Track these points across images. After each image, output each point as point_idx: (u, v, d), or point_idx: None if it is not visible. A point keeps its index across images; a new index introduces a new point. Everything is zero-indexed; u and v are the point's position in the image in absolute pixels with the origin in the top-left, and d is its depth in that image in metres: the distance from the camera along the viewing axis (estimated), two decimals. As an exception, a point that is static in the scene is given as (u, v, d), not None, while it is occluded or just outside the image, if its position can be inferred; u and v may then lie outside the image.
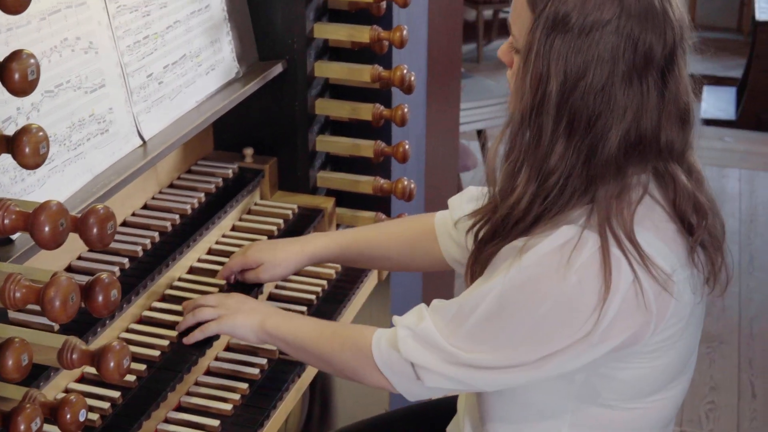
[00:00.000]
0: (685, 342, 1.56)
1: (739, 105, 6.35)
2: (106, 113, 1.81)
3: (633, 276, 1.44)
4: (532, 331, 1.48)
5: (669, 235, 1.49)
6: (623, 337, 1.47)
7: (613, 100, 1.44)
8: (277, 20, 2.28)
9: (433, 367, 1.56)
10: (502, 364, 1.51)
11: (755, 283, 4.42)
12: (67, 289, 1.22)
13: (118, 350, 1.33)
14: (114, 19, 1.85)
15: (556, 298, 1.45)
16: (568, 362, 1.50)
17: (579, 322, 1.45)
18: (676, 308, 1.49)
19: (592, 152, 1.46)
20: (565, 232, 1.46)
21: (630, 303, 1.45)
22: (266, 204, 2.36)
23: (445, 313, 1.57)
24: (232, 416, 1.77)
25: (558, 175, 1.47)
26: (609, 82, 1.44)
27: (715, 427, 3.50)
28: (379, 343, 1.62)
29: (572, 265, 1.44)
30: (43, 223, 1.18)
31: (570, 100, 1.45)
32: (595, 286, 1.43)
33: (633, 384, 1.56)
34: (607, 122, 1.45)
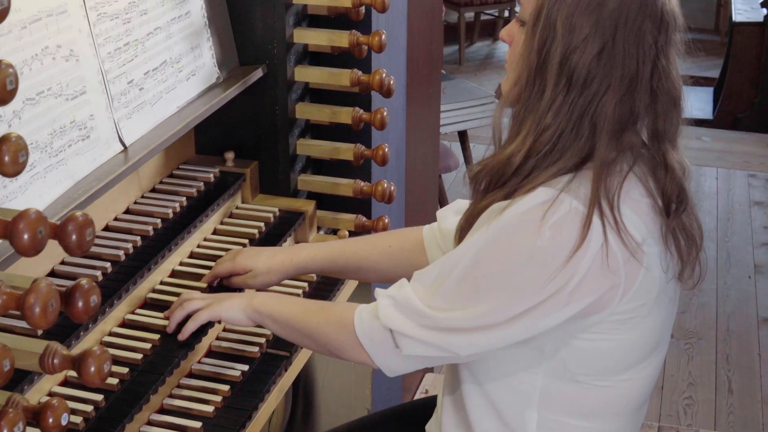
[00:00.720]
0: (654, 319, 1.60)
1: (716, 105, 6.40)
2: (87, 120, 1.83)
3: (603, 238, 1.49)
4: (506, 287, 1.53)
5: (643, 209, 1.54)
6: (592, 297, 1.51)
7: (610, 65, 1.51)
8: (257, 26, 2.30)
9: (410, 332, 1.60)
10: (477, 324, 1.55)
11: (732, 280, 4.47)
12: (47, 295, 1.24)
13: (98, 355, 1.35)
14: (95, 27, 1.87)
15: (529, 253, 1.50)
16: (538, 321, 1.53)
17: (549, 278, 1.50)
18: (645, 278, 1.53)
19: (586, 112, 1.53)
20: (543, 193, 1.52)
21: (599, 264, 1.49)
22: (247, 207, 2.39)
23: (426, 278, 1.62)
24: (214, 418, 1.79)
25: (553, 130, 1.54)
26: (608, 47, 1.51)
27: (693, 422, 3.54)
28: (361, 315, 1.67)
29: (546, 222, 1.49)
30: (22, 231, 1.20)
31: (571, 58, 1.52)
32: (567, 243, 1.49)
33: (601, 357, 1.60)
34: (602, 85, 1.52)
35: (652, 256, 1.54)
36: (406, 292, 1.62)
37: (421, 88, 3.28)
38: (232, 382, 1.88)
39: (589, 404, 1.64)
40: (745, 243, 4.77)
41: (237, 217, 2.35)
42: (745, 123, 6.13)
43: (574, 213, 1.50)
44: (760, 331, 4.08)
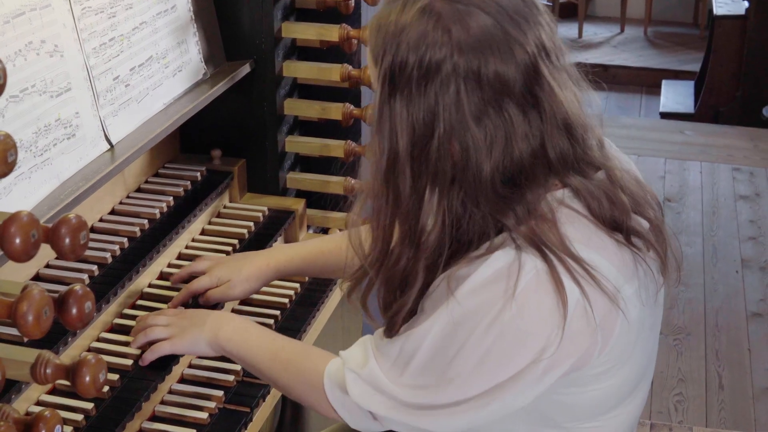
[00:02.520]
0: (638, 357, 1.51)
1: (697, 98, 6.39)
2: (73, 117, 1.77)
3: (580, 292, 1.37)
4: (480, 365, 1.40)
5: (608, 251, 1.42)
6: (570, 361, 1.40)
7: (473, 141, 1.36)
8: (244, 20, 2.24)
9: (384, 413, 1.49)
10: (451, 401, 1.44)
11: (719, 274, 4.44)
12: (40, 303, 1.18)
13: (93, 364, 1.29)
14: (79, 22, 1.80)
15: (499, 329, 1.37)
16: (515, 398, 1.42)
17: (527, 350, 1.38)
18: (623, 327, 1.42)
19: (475, 196, 1.39)
20: (500, 257, 1.38)
21: (578, 323, 1.37)
22: (236, 207, 2.33)
23: (389, 354, 1.48)
24: (209, 425, 1.74)
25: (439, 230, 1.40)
26: (462, 126, 1.35)
27: (684, 419, 3.51)
28: (331, 385, 1.55)
29: (512, 292, 1.36)
30: (13, 235, 1.13)
31: (425, 156, 1.38)
32: (541, 311, 1.36)
33: (586, 406, 1.51)
34: (475, 164, 1.37)
35: (628, 299, 1.42)
36: (371, 368, 1.49)
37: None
38: (225, 387, 1.82)
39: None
40: (731, 237, 4.75)
41: (225, 216, 2.29)
42: (727, 116, 6.12)
43: (541, 275, 1.36)
44: (749, 326, 4.06)
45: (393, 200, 1.43)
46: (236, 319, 1.75)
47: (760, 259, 4.57)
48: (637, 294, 1.44)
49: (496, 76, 1.35)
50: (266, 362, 1.66)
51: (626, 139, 5.61)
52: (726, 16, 6.11)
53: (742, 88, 6.09)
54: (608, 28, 7.89)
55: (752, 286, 4.35)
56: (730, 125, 6.04)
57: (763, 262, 4.54)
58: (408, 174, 1.40)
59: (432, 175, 1.39)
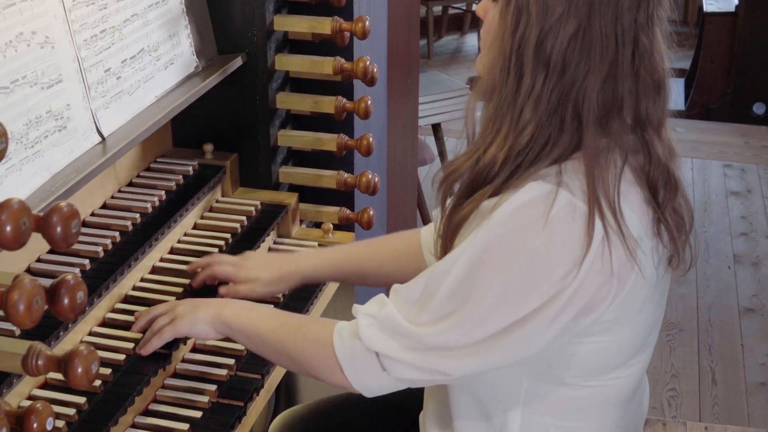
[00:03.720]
0: (644, 318, 1.52)
1: (687, 96, 6.39)
2: (64, 109, 1.75)
3: (605, 237, 1.40)
4: (503, 293, 1.42)
5: (636, 203, 1.46)
6: (586, 299, 1.42)
7: (589, 46, 1.41)
8: (235, 12, 2.23)
9: (398, 355, 1.49)
10: (468, 340, 1.44)
11: (711, 270, 4.45)
12: (32, 291, 1.16)
13: (85, 355, 1.27)
14: (70, 13, 1.79)
15: (528, 254, 1.39)
16: (531, 339, 1.43)
17: (552, 278, 1.40)
18: (637, 279, 1.45)
19: (566, 98, 1.43)
20: (534, 188, 1.41)
21: (598, 264, 1.40)
22: (228, 201, 2.31)
23: (410, 295, 1.50)
24: (202, 420, 1.72)
25: (534, 125, 1.44)
26: (585, 28, 1.41)
27: (677, 414, 3.51)
28: (341, 334, 1.55)
29: (543, 219, 1.39)
30: (4, 222, 1.12)
31: (546, 43, 1.42)
32: (569, 242, 1.39)
33: (590, 361, 1.52)
34: (581, 68, 1.42)
35: (645, 254, 1.45)
36: (388, 311, 1.50)
37: (401, 79, 3.22)
38: (218, 382, 1.81)
39: (575, 404, 1.57)
40: (723, 233, 4.76)
41: (218, 211, 2.28)
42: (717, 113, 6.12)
43: (573, 209, 1.40)
44: (742, 321, 4.06)
45: (515, 83, 1.45)
46: (239, 301, 1.77)
47: (751, 254, 4.58)
48: (651, 253, 1.47)
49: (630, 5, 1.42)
50: (274, 331, 1.65)
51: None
52: (716, 13, 6.11)
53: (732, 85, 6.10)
54: (599, 26, 7.89)
55: (744, 281, 4.36)
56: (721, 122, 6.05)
57: (755, 258, 4.54)
58: (531, 59, 1.43)
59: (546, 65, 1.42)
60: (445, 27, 8.40)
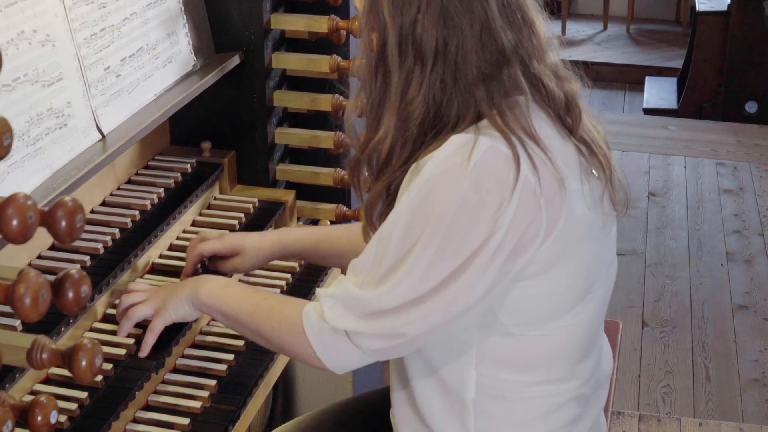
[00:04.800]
0: (582, 260, 1.56)
1: (680, 95, 6.41)
2: (65, 107, 1.77)
3: (531, 166, 1.46)
4: (442, 242, 1.47)
5: (555, 143, 1.52)
6: (517, 237, 1.47)
7: (456, 21, 1.49)
8: (233, 11, 2.25)
9: (361, 327, 1.53)
10: (419, 292, 1.48)
11: (704, 267, 4.46)
12: (37, 285, 1.18)
13: (89, 348, 1.29)
14: (70, 12, 1.80)
15: (459, 200, 1.45)
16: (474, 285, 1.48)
17: (484, 219, 1.45)
18: (568, 219, 1.50)
19: (453, 74, 1.50)
20: (455, 140, 1.48)
21: (526, 195, 1.46)
22: (226, 198, 2.33)
23: (363, 265, 1.55)
24: (202, 414, 1.74)
25: (423, 106, 1.51)
26: (445, 5, 1.49)
27: (672, 410, 3.53)
28: (309, 318, 1.58)
29: (469, 164, 1.45)
30: (11, 216, 1.13)
31: (412, 36, 1.50)
32: (496, 182, 1.45)
33: (530, 305, 1.55)
34: (458, 44, 1.49)
35: (574, 193, 1.51)
36: (345, 286, 1.55)
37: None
38: (218, 377, 1.82)
39: (526, 356, 1.60)
40: (716, 231, 4.77)
41: (216, 208, 2.29)
42: (710, 112, 6.14)
43: (495, 152, 1.46)
44: (735, 318, 4.08)
45: (382, 83, 1.55)
46: (216, 278, 1.78)
47: (744, 252, 4.59)
48: (581, 192, 1.53)
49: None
50: (249, 313, 1.68)
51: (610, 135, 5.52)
52: (708, 12, 6.13)
53: (725, 83, 6.11)
54: (591, 25, 7.91)
55: (737, 278, 4.37)
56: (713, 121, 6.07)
57: (748, 255, 4.56)
58: (396, 57, 1.52)
59: (418, 56, 1.51)
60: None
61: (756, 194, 5.14)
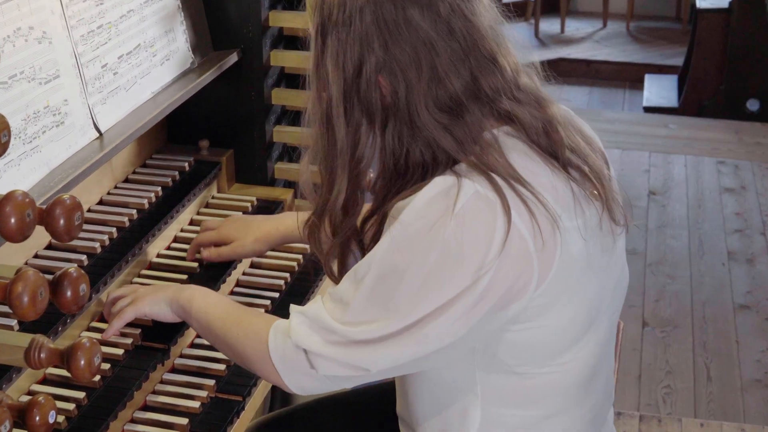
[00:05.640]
0: (584, 297, 1.51)
1: (681, 92, 6.40)
2: (62, 105, 1.75)
3: (521, 211, 1.40)
4: (420, 287, 1.41)
5: (545, 181, 1.45)
6: (505, 287, 1.41)
7: (402, 69, 1.43)
8: (231, 9, 2.23)
9: (322, 350, 1.49)
10: (386, 331, 1.44)
11: (705, 267, 4.45)
12: (36, 283, 1.17)
13: (88, 347, 1.27)
14: (67, 9, 1.79)
15: (439, 248, 1.39)
16: (450, 327, 1.43)
17: (467, 269, 1.39)
18: (563, 258, 1.44)
19: (409, 129, 1.45)
20: (438, 183, 1.42)
21: (516, 244, 1.40)
22: (224, 197, 2.32)
23: (337, 294, 1.51)
24: (201, 413, 1.72)
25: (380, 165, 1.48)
26: (389, 56, 1.43)
27: (673, 411, 3.51)
28: (276, 332, 1.55)
29: (452, 210, 1.39)
30: (8, 214, 1.12)
31: (357, 91, 1.45)
32: (480, 231, 1.39)
33: (534, 348, 1.51)
34: (405, 95, 1.44)
35: (568, 232, 1.44)
36: (317, 308, 1.51)
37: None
38: (217, 377, 1.81)
39: (531, 392, 1.55)
40: (717, 230, 4.76)
41: (213, 207, 2.28)
42: (710, 110, 6.13)
43: (479, 197, 1.40)
44: (737, 318, 4.06)
45: (330, 140, 1.50)
46: (200, 287, 1.77)
47: (746, 251, 4.58)
48: (576, 228, 1.46)
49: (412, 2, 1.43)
50: (220, 319, 1.65)
51: (610, 134, 5.62)
52: (709, 9, 6.12)
53: (725, 81, 6.10)
54: (590, 23, 7.90)
55: (739, 278, 4.36)
56: (714, 119, 6.05)
57: (750, 255, 4.55)
58: (342, 113, 1.48)
59: (365, 111, 1.47)
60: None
61: (758, 193, 5.12)
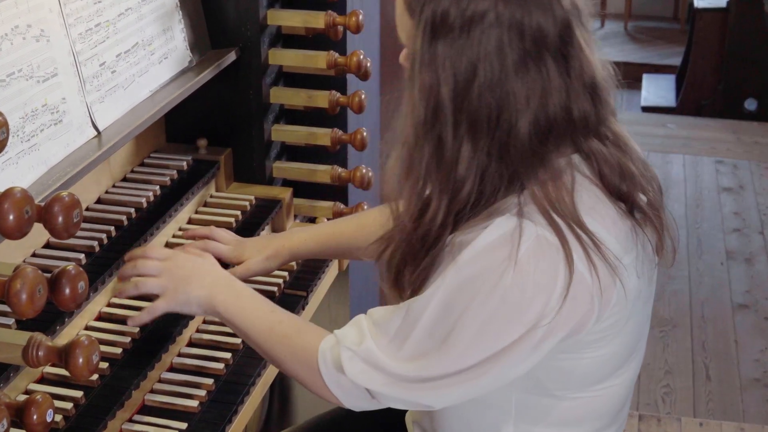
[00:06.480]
0: (631, 329, 1.51)
1: (678, 92, 6.41)
2: (60, 103, 1.75)
3: (587, 260, 1.37)
4: (480, 331, 1.40)
5: (610, 221, 1.43)
6: (567, 329, 1.40)
7: (512, 92, 1.37)
8: (229, 7, 2.22)
9: (382, 390, 1.48)
10: (449, 371, 1.43)
11: (704, 266, 4.45)
12: (34, 281, 1.16)
13: (86, 345, 1.27)
14: (65, 7, 1.78)
15: (500, 292, 1.37)
16: (513, 367, 1.42)
17: (528, 314, 1.38)
18: (620, 297, 1.43)
19: (504, 149, 1.39)
20: (501, 224, 1.39)
21: (578, 290, 1.38)
22: (222, 196, 2.31)
23: (387, 328, 1.48)
24: (199, 413, 1.72)
25: (471, 181, 1.41)
26: (503, 76, 1.37)
27: (672, 410, 3.51)
28: (326, 361, 1.53)
29: (514, 258, 1.36)
30: (7, 211, 1.12)
31: (465, 104, 1.38)
32: (542, 277, 1.36)
33: (578, 375, 1.51)
34: (511, 116, 1.38)
35: (626, 267, 1.43)
36: (368, 346, 1.48)
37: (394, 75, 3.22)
38: (215, 376, 1.80)
39: (567, 414, 1.56)
40: (715, 229, 4.76)
41: (212, 206, 2.27)
42: (708, 109, 6.13)
43: (541, 243, 1.37)
44: (735, 317, 4.07)
45: (434, 150, 1.42)
46: (234, 285, 1.72)
47: (744, 250, 4.58)
48: (633, 265, 1.45)
49: (537, 27, 1.37)
50: (262, 335, 1.63)
51: (609, 133, 5.60)
52: (707, 8, 6.12)
53: (723, 80, 6.11)
54: (588, 23, 7.89)
55: (737, 277, 4.36)
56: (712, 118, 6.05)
57: (748, 254, 4.55)
58: (450, 122, 1.40)
59: (470, 124, 1.39)
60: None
61: (756, 192, 5.13)
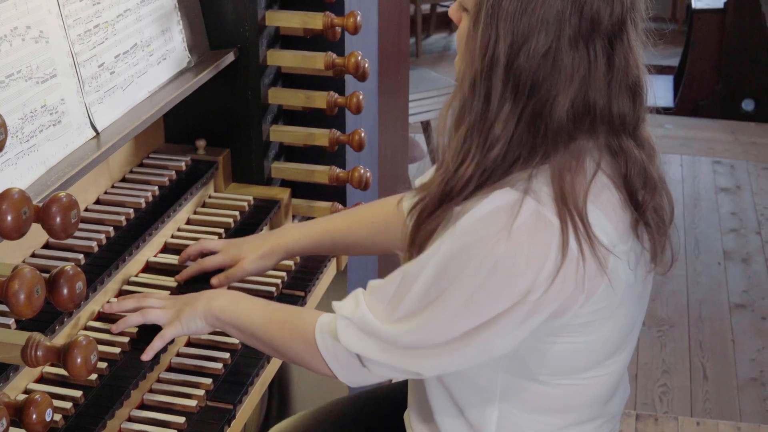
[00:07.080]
0: (620, 319, 1.52)
1: (676, 93, 6.41)
2: (58, 104, 1.75)
3: (578, 248, 1.39)
4: (470, 298, 1.42)
5: (610, 207, 1.45)
6: (553, 307, 1.42)
7: (559, 64, 1.39)
8: (227, 8, 2.23)
9: (374, 356, 1.52)
10: (441, 340, 1.46)
11: (701, 266, 4.46)
12: (32, 281, 1.17)
13: (85, 345, 1.28)
14: (64, 8, 1.79)
15: (492, 261, 1.40)
16: (499, 340, 1.45)
17: (518, 286, 1.40)
18: (608, 284, 1.44)
19: (537, 117, 1.41)
20: (501, 196, 1.41)
21: (567, 272, 1.40)
22: (221, 196, 2.32)
23: (383, 294, 1.52)
24: (198, 412, 1.72)
25: (502, 143, 1.42)
26: (554, 46, 1.39)
27: (669, 410, 3.52)
28: (323, 333, 1.58)
29: (509, 227, 1.39)
30: (5, 212, 1.13)
31: (516, 64, 1.40)
32: (535, 251, 1.39)
33: (565, 359, 1.53)
34: (552, 87, 1.40)
35: (619, 258, 1.44)
36: (362, 312, 1.53)
37: (392, 76, 3.23)
38: (214, 375, 1.81)
39: (552, 401, 1.57)
40: (712, 229, 4.77)
41: (210, 206, 2.28)
42: (706, 110, 6.14)
43: (538, 219, 1.39)
44: (732, 317, 4.07)
45: (482, 104, 1.44)
46: (228, 292, 1.79)
47: (742, 250, 4.59)
48: (626, 254, 1.47)
49: (596, 12, 1.39)
50: (262, 325, 1.69)
51: (607, 134, 5.61)
52: (704, 9, 6.13)
53: (721, 81, 6.12)
54: (587, 24, 7.90)
55: (734, 277, 4.37)
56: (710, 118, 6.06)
57: (745, 254, 4.56)
58: (501, 79, 1.41)
59: (515, 85, 1.41)
60: (434, 25, 8.41)
61: (753, 192, 5.13)
